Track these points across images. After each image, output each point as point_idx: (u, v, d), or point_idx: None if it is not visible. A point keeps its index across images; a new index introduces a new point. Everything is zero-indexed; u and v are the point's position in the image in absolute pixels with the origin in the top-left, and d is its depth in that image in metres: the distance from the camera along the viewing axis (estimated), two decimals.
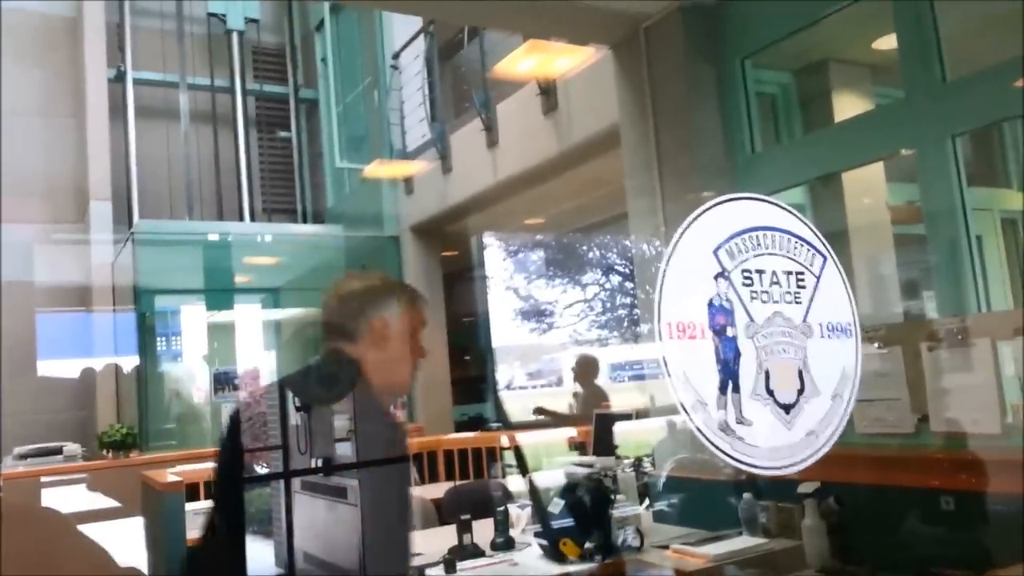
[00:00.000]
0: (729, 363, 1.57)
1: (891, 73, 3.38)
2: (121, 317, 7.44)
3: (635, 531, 2.91)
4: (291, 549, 1.84)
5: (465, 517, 3.05)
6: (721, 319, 1.58)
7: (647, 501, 3.40)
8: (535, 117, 5.63)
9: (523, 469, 5.00)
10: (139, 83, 8.68)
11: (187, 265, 8.11)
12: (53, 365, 7.40)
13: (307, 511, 1.84)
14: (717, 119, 3.63)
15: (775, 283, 1.66)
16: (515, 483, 4.34)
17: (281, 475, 1.85)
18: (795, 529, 2.74)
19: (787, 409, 1.62)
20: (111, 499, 5.09)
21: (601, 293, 11.69)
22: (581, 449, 4.97)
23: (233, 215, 8.97)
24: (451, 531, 3.07)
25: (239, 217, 8.97)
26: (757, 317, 1.63)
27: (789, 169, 3.49)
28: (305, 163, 9.79)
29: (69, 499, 5.38)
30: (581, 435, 5.06)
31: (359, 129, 8.79)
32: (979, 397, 2.47)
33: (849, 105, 3.81)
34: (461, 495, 4.22)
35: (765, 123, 3.77)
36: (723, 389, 1.56)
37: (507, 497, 3.93)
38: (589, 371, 5.71)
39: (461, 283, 9.34)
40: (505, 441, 5.64)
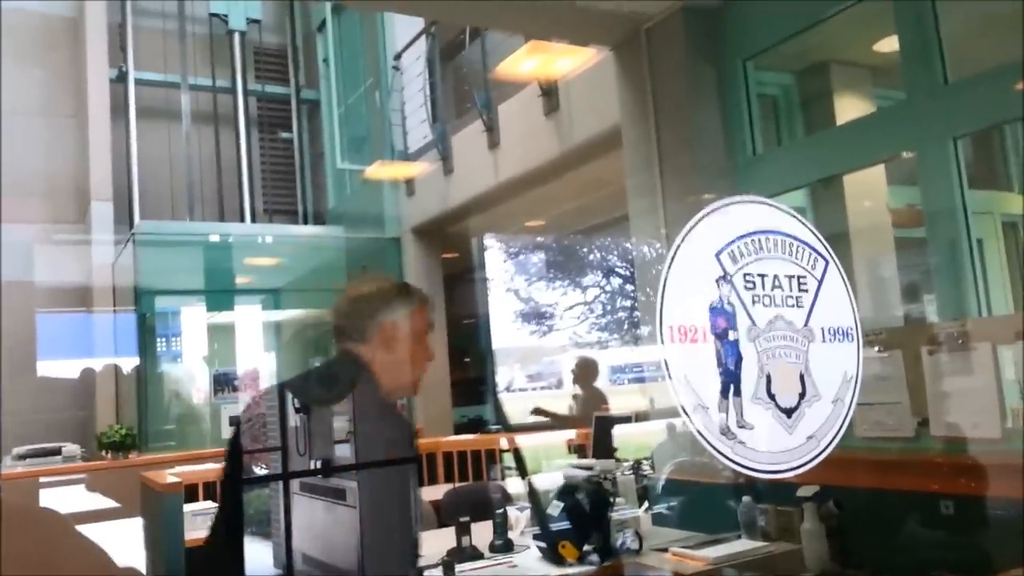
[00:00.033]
0: (730, 367, 1.57)
1: (892, 75, 3.38)
2: (121, 318, 7.44)
3: (634, 534, 2.91)
4: (290, 552, 1.84)
5: (464, 519, 3.04)
6: (723, 323, 1.58)
7: (646, 504, 3.40)
8: (536, 118, 5.63)
9: (522, 471, 5.00)
10: (140, 83, 8.68)
11: (188, 266, 8.11)
12: (53, 365, 7.39)
13: (317, 513, 1.84)
14: (718, 120, 3.63)
15: (777, 287, 1.66)
16: (514, 485, 4.34)
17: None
18: (794, 532, 2.74)
19: (788, 413, 1.62)
20: (110, 500, 5.09)
21: (601, 295, 11.69)
22: (580, 452, 4.96)
23: (234, 216, 8.97)
24: (450, 533, 3.07)
25: (240, 218, 8.97)
26: (759, 321, 1.62)
27: (790, 171, 3.49)
28: (306, 164, 9.78)
29: (68, 500, 5.38)
30: (580, 437, 5.06)
31: (360, 130, 8.79)
32: (979, 401, 2.46)
33: (850, 107, 3.81)
34: (460, 497, 4.21)
35: (766, 125, 3.77)
36: (724, 393, 1.56)
37: (506, 499, 3.93)
38: (588, 374, 5.71)
39: (462, 285, 9.34)
40: (504, 443, 5.63)
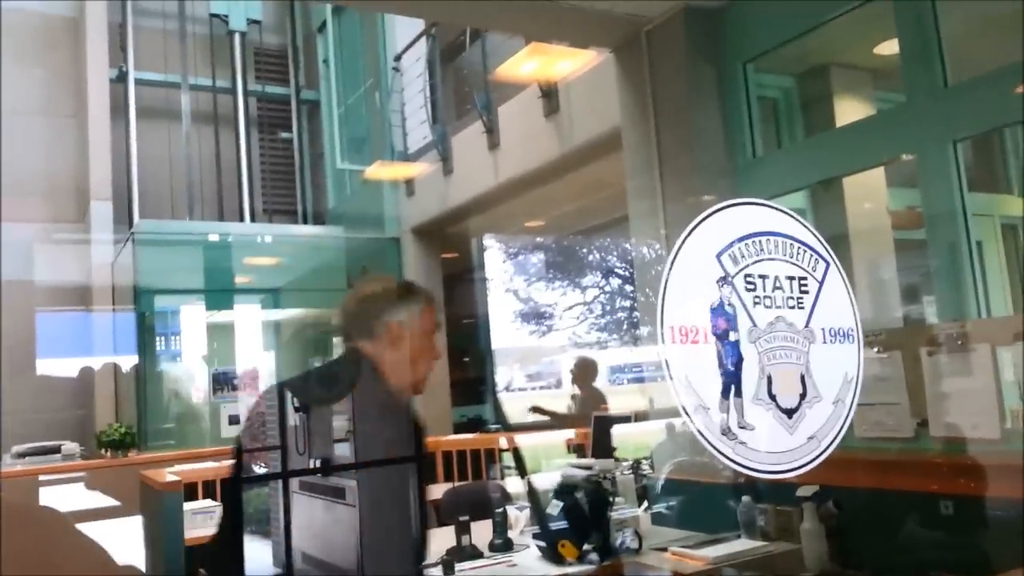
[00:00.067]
0: (731, 368, 1.57)
1: (893, 77, 3.38)
2: (121, 317, 7.44)
3: (634, 533, 2.91)
4: (287, 551, 1.84)
5: (464, 518, 3.05)
6: (724, 324, 1.58)
7: (646, 503, 3.40)
8: (536, 119, 5.63)
9: (522, 471, 5.00)
10: (141, 83, 8.68)
11: (187, 265, 8.11)
12: (52, 364, 7.39)
13: (317, 512, 1.84)
14: (718, 122, 3.63)
15: (778, 288, 1.67)
16: (514, 485, 4.34)
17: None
18: (794, 532, 2.74)
19: (789, 414, 1.62)
20: (109, 498, 5.09)
21: (601, 296, 11.70)
22: (580, 451, 4.97)
23: (234, 216, 8.96)
24: (450, 532, 3.07)
25: (240, 218, 8.97)
26: (760, 322, 1.63)
27: (790, 173, 3.50)
28: (306, 164, 9.78)
29: (68, 498, 5.38)
30: (580, 437, 5.07)
31: (360, 130, 8.79)
32: (979, 402, 2.47)
33: (850, 109, 3.81)
34: (460, 496, 4.21)
35: (766, 127, 3.77)
36: (725, 393, 1.56)
37: (506, 499, 3.93)
38: (587, 374, 5.71)
39: (461, 285, 9.34)
40: (504, 443, 5.63)
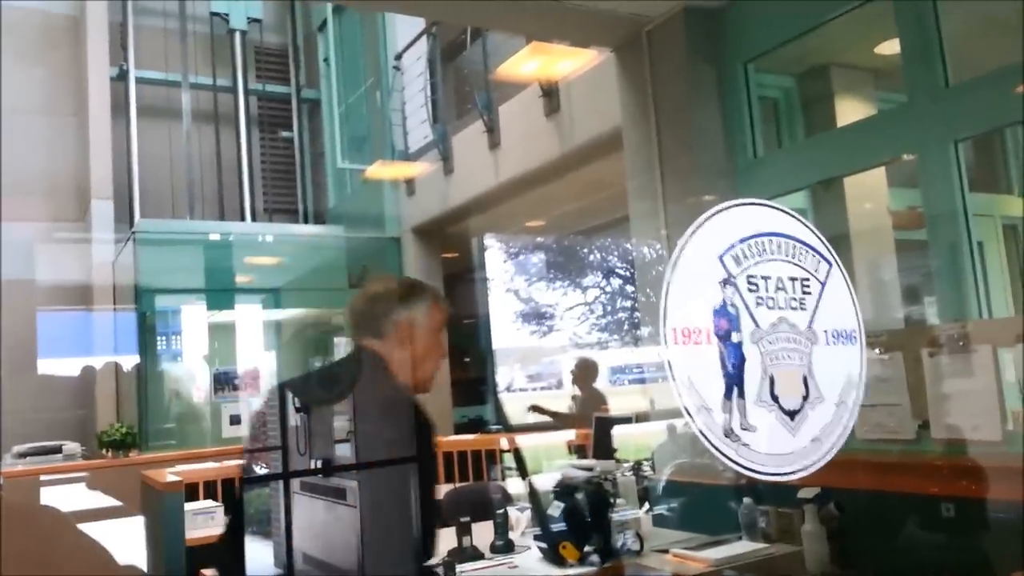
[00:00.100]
0: (734, 369, 1.57)
1: (893, 78, 3.38)
2: (121, 316, 7.43)
3: (635, 535, 2.91)
4: (288, 551, 1.84)
5: (464, 519, 3.04)
6: (726, 325, 1.58)
7: (647, 505, 3.40)
8: (537, 119, 5.63)
9: (523, 472, 5.00)
10: (141, 82, 8.67)
11: (188, 265, 8.11)
12: (53, 364, 7.39)
13: (318, 512, 1.84)
14: (719, 122, 3.63)
15: (780, 289, 1.66)
16: (515, 486, 4.34)
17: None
18: (795, 534, 2.74)
19: (792, 415, 1.62)
20: (111, 498, 5.08)
21: (602, 296, 11.69)
22: (581, 452, 4.96)
23: (234, 215, 8.96)
24: (450, 533, 3.07)
25: (240, 217, 8.97)
26: (762, 323, 1.62)
27: (791, 173, 3.50)
28: (307, 163, 9.78)
29: (69, 498, 5.38)
30: (581, 438, 5.06)
31: (361, 130, 8.79)
32: (980, 403, 2.47)
33: (851, 109, 3.81)
34: (460, 497, 4.21)
35: (767, 127, 3.77)
36: (728, 395, 1.56)
37: (507, 500, 3.93)
38: (588, 374, 5.71)
39: (462, 285, 9.34)
40: (505, 443, 5.63)
